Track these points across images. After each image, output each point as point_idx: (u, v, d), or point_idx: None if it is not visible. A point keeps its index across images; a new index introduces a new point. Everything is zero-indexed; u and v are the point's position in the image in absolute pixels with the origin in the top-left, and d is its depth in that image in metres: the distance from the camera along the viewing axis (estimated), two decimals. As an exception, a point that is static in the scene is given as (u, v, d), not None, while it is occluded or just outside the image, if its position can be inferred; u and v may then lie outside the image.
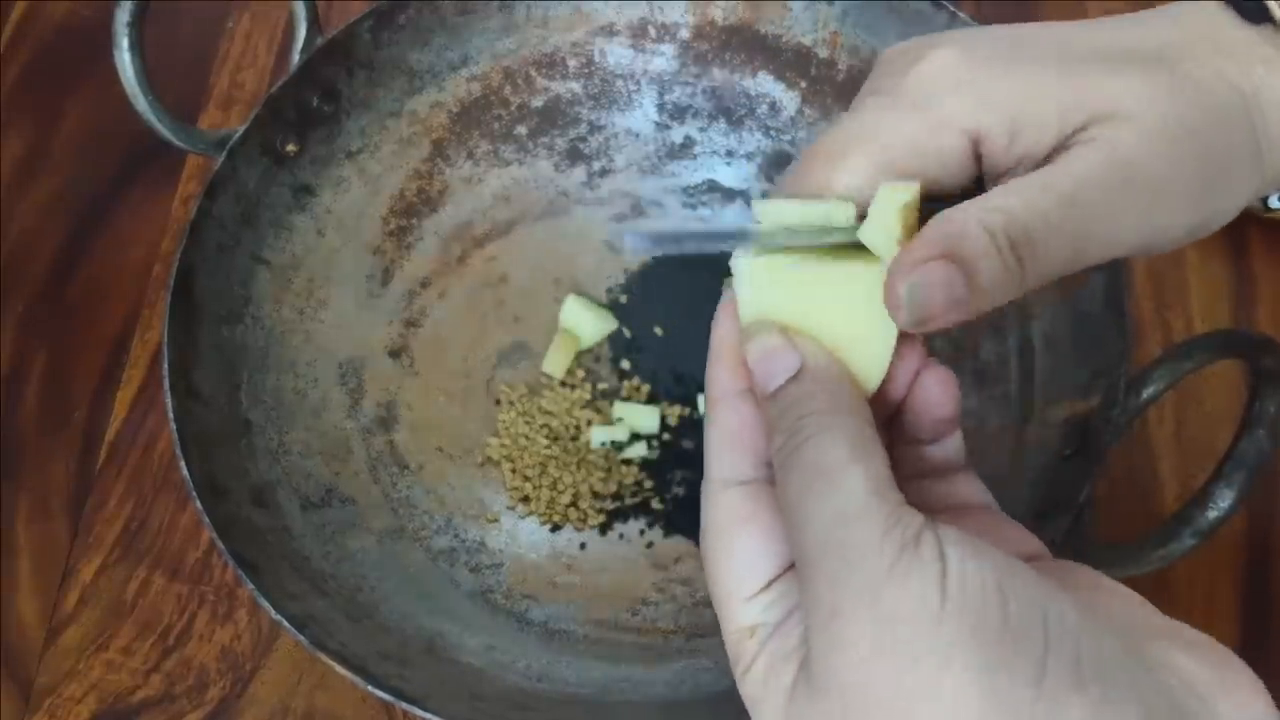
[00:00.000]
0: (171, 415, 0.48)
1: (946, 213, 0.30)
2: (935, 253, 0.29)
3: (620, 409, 0.57)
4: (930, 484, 0.33)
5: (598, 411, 0.57)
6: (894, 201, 0.30)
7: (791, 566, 0.30)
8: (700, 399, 0.57)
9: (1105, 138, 0.30)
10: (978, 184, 0.33)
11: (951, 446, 0.33)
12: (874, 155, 0.32)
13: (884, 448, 0.29)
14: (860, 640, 0.26)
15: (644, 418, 0.57)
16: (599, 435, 0.57)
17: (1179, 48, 0.32)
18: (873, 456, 0.28)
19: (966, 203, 0.30)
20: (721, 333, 0.32)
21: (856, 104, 0.33)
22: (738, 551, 0.30)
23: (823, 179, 0.32)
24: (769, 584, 0.30)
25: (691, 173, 0.62)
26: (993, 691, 0.26)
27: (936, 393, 0.32)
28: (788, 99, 0.61)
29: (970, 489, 0.33)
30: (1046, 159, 0.31)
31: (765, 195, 0.34)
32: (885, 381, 0.31)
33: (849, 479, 0.28)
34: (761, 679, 0.29)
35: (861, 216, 0.31)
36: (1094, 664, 0.26)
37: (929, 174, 0.32)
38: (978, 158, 0.32)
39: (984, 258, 0.29)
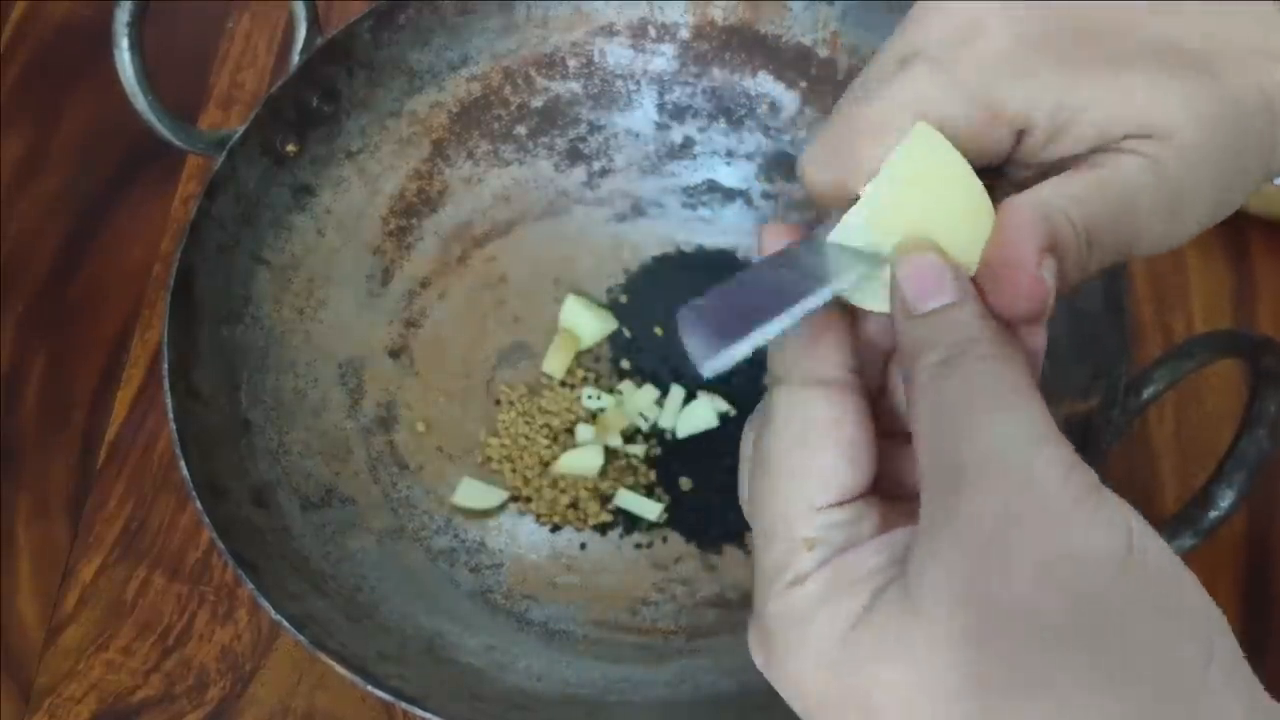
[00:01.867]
0: (171, 415, 0.48)
1: (1022, 200, 0.29)
2: (1045, 245, 0.28)
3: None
4: None
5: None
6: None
7: (864, 494, 0.28)
8: (701, 397, 0.57)
9: (1149, 153, 0.30)
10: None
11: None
12: None
13: None
14: (1022, 572, 0.24)
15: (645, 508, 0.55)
16: (567, 461, 0.55)
17: (1224, 50, 0.31)
18: (1040, 400, 0.27)
19: (1040, 187, 0.29)
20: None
21: (901, 67, 0.30)
22: (817, 456, 0.28)
23: (873, 156, 0.29)
24: (844, 502, 0.28)
25: (691, 173, 0.62)
26: (1170, 670, 0.24)
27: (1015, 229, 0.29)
28: (788, 99, 0.61)
29: None
30: (1074, 160, 0.31)
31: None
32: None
33: (1031, 405, 0.26)
34: (817, 599, 0.27)
35: None
36: (1245, 665, 0.25)
37: (968, 157, 0.30)
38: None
39: (1070, 250, 0.29)
